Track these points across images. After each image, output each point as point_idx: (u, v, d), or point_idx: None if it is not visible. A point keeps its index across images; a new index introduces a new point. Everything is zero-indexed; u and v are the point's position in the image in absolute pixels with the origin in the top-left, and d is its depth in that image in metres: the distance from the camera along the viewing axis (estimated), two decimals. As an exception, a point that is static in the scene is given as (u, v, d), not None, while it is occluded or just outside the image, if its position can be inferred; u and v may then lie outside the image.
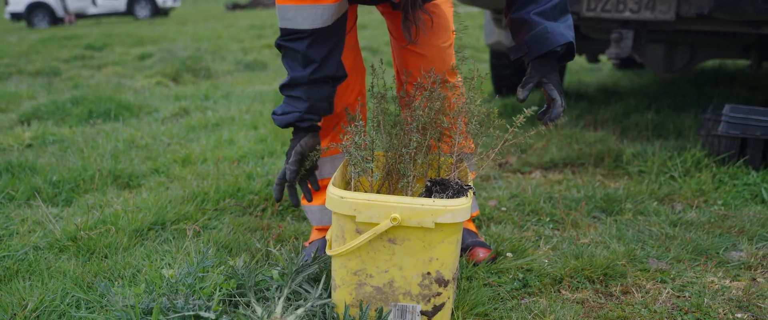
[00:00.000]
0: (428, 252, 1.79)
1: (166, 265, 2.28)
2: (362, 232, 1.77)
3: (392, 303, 1.85)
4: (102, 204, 2.95)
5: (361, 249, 1.81)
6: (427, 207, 1.71)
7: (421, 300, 1.85)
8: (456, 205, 1.73)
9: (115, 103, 5.14)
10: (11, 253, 2.41)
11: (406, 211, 1.72)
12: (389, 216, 1.72)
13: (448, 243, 1.79)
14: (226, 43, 10.82)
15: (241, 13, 23.58)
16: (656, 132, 4.06)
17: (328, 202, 1.79)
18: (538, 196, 3.05)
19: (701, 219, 2.77)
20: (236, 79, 7.26)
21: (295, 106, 2.00)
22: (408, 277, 1.82)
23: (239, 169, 3.43)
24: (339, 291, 1.89)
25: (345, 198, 1.74)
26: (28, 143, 4.13)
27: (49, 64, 8.54)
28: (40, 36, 13.28)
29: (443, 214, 1.71)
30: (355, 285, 1.85)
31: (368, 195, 1.74)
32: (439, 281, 1.83)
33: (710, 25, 3.58)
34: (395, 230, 1.76)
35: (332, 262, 1.88)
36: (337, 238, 1.84)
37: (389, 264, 1.81)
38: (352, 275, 1.85)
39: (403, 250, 1.79)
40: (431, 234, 1.76)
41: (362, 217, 1.74)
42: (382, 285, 1.84)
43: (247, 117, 4.81)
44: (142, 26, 16.78)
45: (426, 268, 1.81)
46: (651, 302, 2.11)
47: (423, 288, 1.83)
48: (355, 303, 1.87)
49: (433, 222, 1.72)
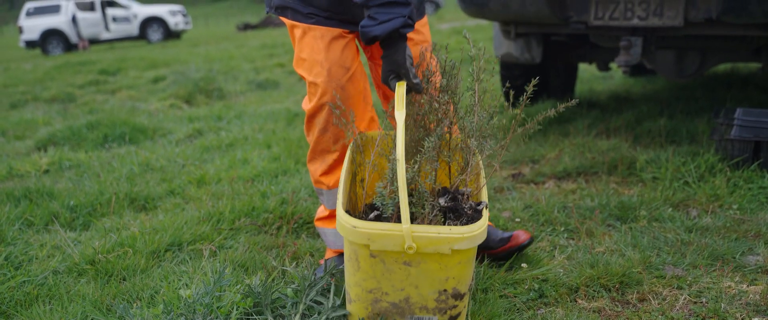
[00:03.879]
0: (444, 273, 1.76)
1: (183, 286, 2.30)
2: (377, 256, 1.74)
3: (409, 316, 1.84)
4: (119, 227, 2.97)
5: (376, 271, 1.77)
6: (444, 236, 1.67)
7: (438, 313, 1.84)
8: (473, 232, 1.69)
9: (129, 127, 5.19)
10: (31, 278, 2.44)
11: (422, 240, 1.67)
12: (404, 245, 1.68)
13: (465, 264, 1.77)
14: (238, 64, 10.90)
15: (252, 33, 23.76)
16: (669, 138, 4.04)
17: (340, 229, 1.75)
18: (551, 206, 3.05)
19: (717, 224, 2.76)
20: (249, 99, 7.31)
21: (396, 12, 1.92)
22: (424, 294, 1.80)
23: (254, 188, 3.45)
24: (354, 305, 1.88)
25: (358, 228, 1.70)
26: (45, 169, 4.18)
27: (64, 90, 8.64)
28: (54, 63, 13.44)
29: (460, 242, 1.68)
30: (371, 301, 1.84)
31: (381, 225, 1.69)
32: (456, 296, 1.82)
33: (719, 30, 3.57)
34: (411, 255, 1.72)
35: (346, 278, 1.87)
36: (350, 260, 1.81)
37: (405, 283, 1.79)
38: (368, 293, 1.83)
39: (418, 272, 1.76)
40: (448, 257, 1.73)
41: (376, 246, 1.70)
42: (398, 301, 1.83)
43: (260, 136, 4.84)
44: (155, 49, 16.95)
45: (442, 286, 1.79)
46: (668, 309, 2.10)
47: (439, 303, 1.82)
48: (372, 317, 1.86)
49: (449, 249, 1.68)
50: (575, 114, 4.84)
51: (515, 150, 4.06)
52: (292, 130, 5.02)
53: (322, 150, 2.32)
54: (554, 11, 3.71)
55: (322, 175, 2.36)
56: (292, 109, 5.98)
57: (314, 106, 2.22)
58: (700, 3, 3.39)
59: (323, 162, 2.34)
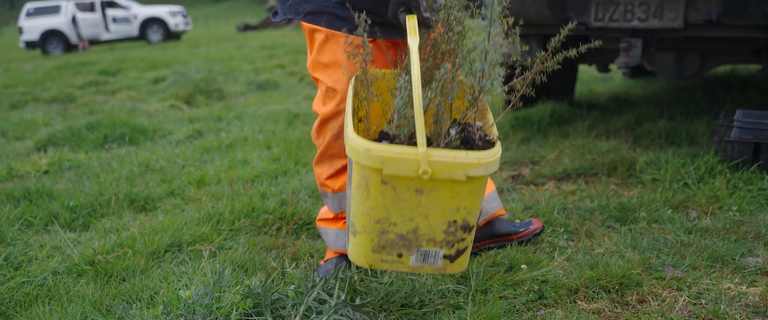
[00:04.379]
0: (456, 202, 1.71)
1: (183, 286, 2.30)
2: (388, 183, 1.68)
3: (415, 248, 1.79)
4: (119, 227, 2.98)
5: (386, 199, 1.71)
6: (460, 161, 1.63)
7: (445, 246, 1.78)
8: (489, 158, 1.65)
9: (129, 128, 5.19)
10: (31, 279, 2.44)
11: (437, 165, 1.63)
12: (418, 169, 1.63)
13: (477, 193, 1.72)
14: (238, 64, 10.91)
15: (252, 34, 23.76)
16: (669, 139, 4.05)
17: (352, 152, 1.69)
18: (551, 207, 3.05)
19: (716, 225, 2.76)
20: (249, 100, 7.31)
21: None
22: (433, 225, 1.75)
23: (253, 189, 3.45)
24: (359, 237, 1.81)
25: (372, 151, 1.64)
26: (45, 169, 4.18)
27: (64, 90, 8.64)
28: (54, 63, 13.45)
29: (476, 167, 1.64)
30: (378, 232, 1.77)
31: (396, 148, 1.64)
32: (465, 228, 1.77)
33: (719, 31, 3.58)
34: (423, 181, 1.67)
35: (352, 208, 1.80)
36: (359, 187, 1.74)
37: (414, 212, 1.73)
38: (375, 223, 1.76)
39: (430, 200, 1.71)
40: (461, 185, 1.68)
41: (389, 170, 1.65)
42: (406, 233, 1.76)
43: (260, 137, 4.84)
44: (155, 50, 16.96)
45: (452, 217, 1.74)
46: (667, 310, 2.10)
47: (448, 235, 1.77)
48: (377, 249, 1.80)
49: (464, 175, 1.64)
50: (575, 115, 4.84)
51: (515, 151, 4.06)
52: (292, 130, 5.02)
53: (331, 154, 2.31)
54: (554, 12, 3.72)
55: (328, 179, 2.36)
56: (292, 109, 5.99)
57: (330, 111, 2.21)
58: (700, 4, 3.39)
59: (331, 166, 2.33)
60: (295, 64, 10.92)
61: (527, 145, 4.16)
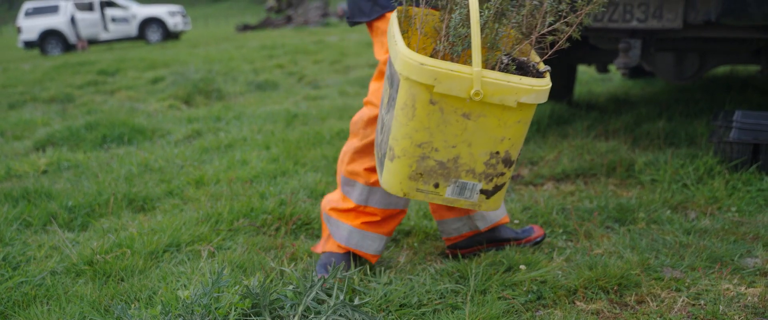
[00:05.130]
0: (502, 132, 1.68)
1: (181, 286, 2.30)
2: (436, 103, 1.64)
3: (453, 179, 1.75)
4: (117, 227, 2.97)
5: (431, 122, 1.67)
6: (514, 85, 1.60)
7: (484, 179, 1.75)
8: (541, 86, 1.62)
9: (128, 127, 5.19)
10: (29, 279, 2.44)
11: (490, 86, 1.60)
12: (471, 89, 1.60)
13: (523, 124, 1.69)
14: (238, 64, 10.90)
15: (251, 34, 23.77)
16: (668, 140, 4.05)
17: (403, 66, 1.65)
18: (550, 208, 3.05)
19: (715, 226, 2.76)
20: (248, 100, 7.31)
21: None
22: (475, 154, 1.72)
23: (252, 189, 3.45)
24: (397, 162, 1.76)
25: (425, 65, 1.60)
26: (43, 169, 4.18)
27: (63, 90, 8.64)
28: (53, 63, 13.44)
29: (528, 94, 1.61)
30: (418, 157, 1.73)
31: (451, 65, 1.61)
32: (506, 161, 1.74)
33: (718, 32, 3.58)
34: (472, 105, 1.64)
35: (393, 131, 1.76)
36: (405, 107, 1.70)
37: (458, 139, 1.69)
38: (417, 147, 1.72)
39: (476, 126, 1.67)
40: (509, 112, 1.65)
41: (441, 88, 1.61)
42: (446, 161, 1.73)
43: (259, 137, 4.84)
44: (154, 50, 16.95)
45: (496, 147, 1.71)
46: (666, 311, 2.10)
47: (488, 167, 1.74)
48: (414, 176, 1.76)
49: (516, 101, 1.61)
50: (574, 116, 4.85)
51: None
52: (291, 131, 5.02)
53: None
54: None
55: (366, 170, 2.33)
56: (291, 110, 5.98)
57: None
58: (700, 5, 3.39)
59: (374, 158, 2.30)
60: (294, 64, 10.92)
61: (526, 146, 4.16)
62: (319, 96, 7.24)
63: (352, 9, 2.34)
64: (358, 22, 2.34)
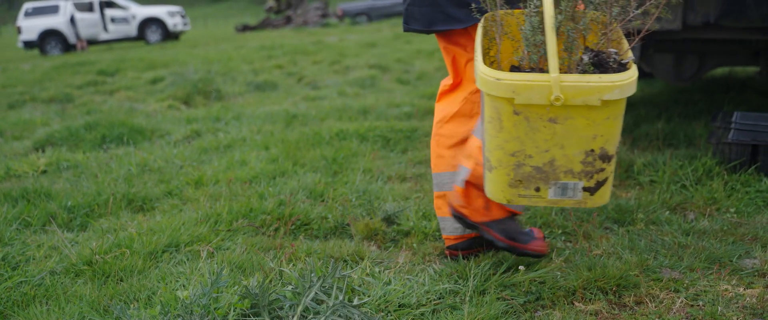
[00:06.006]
0: (592, 130, 1.67)
1: (180, 287, 2.30)
2: (520, 113, 1.65)
3: (553, 181, 1.76)
4: (116, 228, 2.97)
5: (519, 131, 1.68)
6: (594, 84, 1.59)
7: (584, 177, 1.75)
8: (624, 80, 1.60)
9: (127, 128, 5.19)
10: (28, 279, 2.44)
11: (570, 90, 1.59)
12: (551, 96, 1.59)
13: (613, 119, 1.68)
14: (237, 65, 10.90)
15: (250, 35, 23.76)
16: (667, 141, 4.05)
17: (483, 83, 1.66)
18: (549, 209, 3.05)
19: (714, 227, 2.76)
20: (247, 100, 7.31)
21: None
22: (570, 155, 1.71)
23: (251, 190, 3.45)
24: (496, 173, 1.77)
25: (502, 80, 1.62)
26: (42, 169, 4.18)
27: (63, 90, 8.64)
28: (52, 63, 13.43)
29: (611, 91, 1.59)
30: (514, 165, 1.74)
31: (527, 76, 1.61)
32: (603, 157, 1.73)
33: (717, 33, 3.58)
34: (557, 109, 1.63)
35: (486, 143, 1.77)
36: (492, 120, 1.71)
37: (550, 143, 1.69)
38: (510, 156, 1.73)
39: (564, 129, 1.67)
40: (596, 111, 1.64)
41: (521, 99, 1.61)
42: (542, 165, 1.73)
43: (259, 137, 4.84)
44: (154, 50, 16.95)
45: (589, 146, 1.70)
46: (665, 312, 2.10)
47: (586, 165, 1.73)
48: (514, 184, 1.77)
49: (599, 99, 1.60)
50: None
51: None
52: (290, 131, 5.02)
53: None
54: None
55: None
56: (291, 110, 5.98)
57: None
58: (699, 6, 3.39)
59: None
60: (294, 65, 10.92)
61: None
62: (319, 96, 7.24)
63: (430, 17, 2.24)
64: (443, 30, 2.26)
